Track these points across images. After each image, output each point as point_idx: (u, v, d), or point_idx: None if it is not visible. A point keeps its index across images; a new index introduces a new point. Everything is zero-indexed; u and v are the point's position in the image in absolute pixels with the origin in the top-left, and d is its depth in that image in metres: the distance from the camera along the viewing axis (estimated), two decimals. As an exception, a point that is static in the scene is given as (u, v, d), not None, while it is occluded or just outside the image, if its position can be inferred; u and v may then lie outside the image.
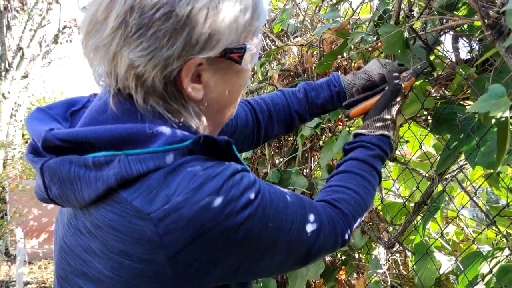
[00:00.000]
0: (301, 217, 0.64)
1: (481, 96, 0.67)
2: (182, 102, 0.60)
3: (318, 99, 1.01)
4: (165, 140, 0.55)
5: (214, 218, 0.52)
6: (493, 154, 0.82)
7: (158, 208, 0.51)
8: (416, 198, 1.27)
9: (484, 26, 0.76)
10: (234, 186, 0.54)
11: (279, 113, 1.02)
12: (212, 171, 0.55)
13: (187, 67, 0.57)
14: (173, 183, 0.53)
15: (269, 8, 1.92)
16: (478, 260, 0.97)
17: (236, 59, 0.61)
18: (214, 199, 0.52)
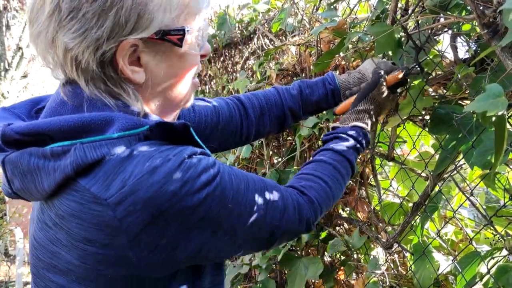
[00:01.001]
0: (264, 199, 0.65)
1: (479, 96, 0.67)
2: (122, 85, 0.60)
3: (313, 96, 1.01)
4: (120, 126, 0.56)
5: (171, 199, 0.53)
6: (489, 154, 0.82)
7: (115, 193, 0.52)
8: (414, 198, 1.27)
9: (480, 25, 0.76)
10: (191, 168, 0.55)
11: (271, 110, 1.02)
12: (168, 153, 0.55)
13: (121, 49, 0.57)
14: (129, 167, 0.53)
15: (267, 7, 1.91)
16: (476, 260, 0.96)
17: (175, 41, 0.61)
18: (170, 180, 0.53)
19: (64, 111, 0.60)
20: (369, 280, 1.24)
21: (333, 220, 1.54)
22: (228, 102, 1.01)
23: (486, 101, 0.67)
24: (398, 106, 1.12)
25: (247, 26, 2.22)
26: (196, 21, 0.64)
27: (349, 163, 0.84)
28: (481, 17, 0.76)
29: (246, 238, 0.64)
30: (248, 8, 2.02)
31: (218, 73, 2.51)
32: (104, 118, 0.57)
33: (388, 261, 1.29)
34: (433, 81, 1.10)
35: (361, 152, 0.90)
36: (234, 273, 1.77)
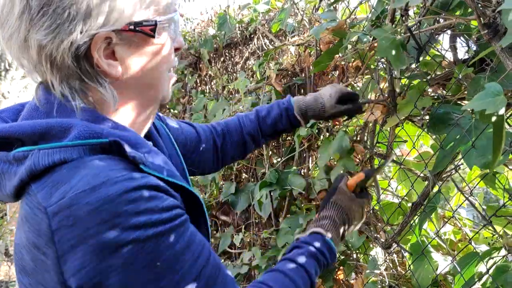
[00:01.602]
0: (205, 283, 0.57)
1: (478, 94, 0.67)
2: (98, 79, 0.60)
3: (268, 119, 1.04)
4: (77, 135, 0.55)
5: (98, 226, 0.49)
6: (488, 154, 0.82)
7: (54, 203, 0.51)
8: (413, 198, 1.27)
9: (480, 25, 0.76)
10: (134, 202, 0.51)
11: (231, 135, 1.05)
12: (118, 175, 0.52)
13: (95, 42, 0.57)
14: (74, 179, 0.52)
15: (267, 7, 1.91)
16: (475, 260, 0.96)
17: (148, 32, 0.61)
18: (105, 205, 0.50)
19: (37, 115, 0.60)
20: (368, 279, 1.24)
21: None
22: (204, 127, 1.05)
23: (485, 100, 0.67)
24: (397, 106, 1.12)
25: (247, 26, 2.22)
26: (168, 13, 0.64)
27: (306, 272, 0.76)
28: (481, 17, 0.76)
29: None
30: (248, 8, 2.02)
31: (218, 73, 2.51)
32: (64, 124, 0.56)
33: (387, 261, 1.29)
34: (432, 81, 1.10)
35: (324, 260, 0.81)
36: (233, 273, 1.78)
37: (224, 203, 2.10)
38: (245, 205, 1.83)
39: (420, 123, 1.14)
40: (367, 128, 1.37)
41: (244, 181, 1.98)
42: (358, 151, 1.30)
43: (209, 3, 4.01)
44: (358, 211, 0.90)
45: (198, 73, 2.73)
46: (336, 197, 0.89)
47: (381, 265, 1.25)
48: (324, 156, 1.36)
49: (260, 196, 1.59)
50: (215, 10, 2.77)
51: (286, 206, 1.65)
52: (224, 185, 1.94)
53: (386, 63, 1.12)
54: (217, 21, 2.29)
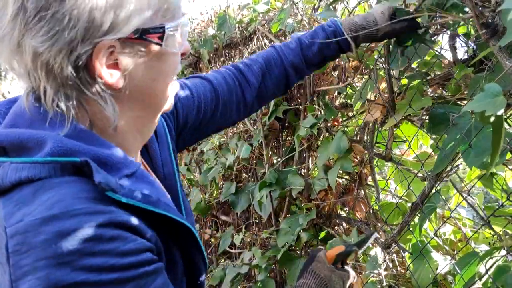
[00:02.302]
0: None
1: (477, 95, 0.67)
2: (98, 90, 0.55)
3: (314, 45, 0.94)
4: (49, 151, 0.51)
5: (48, 260, 0.46)
6: (486, 155, 0.82)
7: (12, 224, 0.48)
8: (413, 198, 1.27)
9: (478, 25, 0.76)
10: (90, 240, 0.47)
11: (272, 71, 0.96)
12: (79, 207, 0.48)
13: (97, 51, 0.52)
14: (36, 201, 0.48)
15: (267, 7, 1.91)
16: (475, 260, 0.96)
17: (156, 40, 0.56)
18: (58, 240, 0.46)
19: (21, 122, 0.56)
20: (368, 279, 1.24)
21: (332, 220, 1.54)
22: (226, 75, 0.95)
23: (484, 101, 0.67)
24: (396, 107, 1.12)
25: (247, 26, 2.22)
26: (176, 18, 0.59)
27: None
28: (479, 17, 0.76)
29: None
30: (248, 8, 2.02)
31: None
32: (39, 138, 0.52)
33: (386, 260, 1.29)
34: (431, 82, 1.10)
35: None
36: (234, 273, 1.78)
37: (224, 203, 2.10)
38: (245, 205, 1.83)
39: (419, 123, 1.14)
40: (366, 128, 1.37)
41: (244, 181, 1.98)
42: (356, 151, 1.30)
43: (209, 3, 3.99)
44: (339, 283, 0.84)
45: (198, 73, 2.74)
46: (315, 266, 0.84)
47: (381, 265, 1.25)
48: (323, 155, 1.36)
49: (260, 197, 1.59)
50: (215, 10, 2.77)
51: (286, 206, 1.65)
52: (224, 185, 1.94)
53: (385, 63, 1.12)
54: (216, 21, 2.29)
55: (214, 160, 2.06)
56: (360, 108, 1.38)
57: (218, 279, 1.88)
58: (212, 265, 2.23)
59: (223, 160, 1.96)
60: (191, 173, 2.53)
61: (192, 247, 0.64)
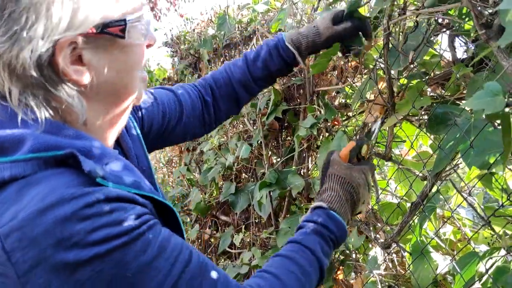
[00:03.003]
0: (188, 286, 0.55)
1: (477, 93, 0.67)
2: (65, 88, 0.55)
3: (258, 60, 0.94)
4: (30, 148, 0.51)
5: (54, 247, 0.47)
6: (486, 154, 0.82)
7: (5, 224, 0.48)
8: (413, 198, 1.27)
9: (477, 25, 0.76)
10: (90, 218, 0.49)
11: (221, 89, 0.97)
12: (72, 192, 0.49)
13: (59, 48, 0.52)
14: (26, 197, 0.49)
15: (266, 7, 1.91)
16: (475, 260, 0.96)
17: (118, 33, 0.57)
18: (58, 226, 0.47)
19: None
20: (368, 279, 1.24)
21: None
22: (188, 90, 0.96)
23: (484, 99, 0.67)
24: (395, 106, 1.11)
25: (246, 26, 2.22)
26: (137, 10, 0.60)
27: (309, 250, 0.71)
28: (479, 17, 0.76)
29: None
30: (247, 8, 2.02)
31: (218, 73, 2.51)
32: (16, 137, 0.52)
33: (386, 260, 1.29)
34: (431, 81, 1.10)
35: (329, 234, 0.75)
36: (233, 273, 1.78)
37: (224, 203, 2.10)
38: (244, 205, 1.83)
39: (418, 123, 1.14)
40: (366, 128, 1.37)
41: (243, 181, 1.98)
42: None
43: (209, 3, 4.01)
44: (361, 177, 0.83)
45: (198, 73, 2.73)
46: (332, 169, 0.83)
47: (381, 265, 1.25)
48: (323, 155, 1.36)
49: (260, 197, 1.59)
50: (215, 11, 2.77)
51: (286, 206, 1.65)
52: (224, 185, 1.94)
53: (384, 62, 1.12)
54: (216, 21, 2.29)
55: (214, 160, 2.06)
56: (360, 108, 1.38)
57: (218, 279, 1.88)
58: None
59: (222, 160, 1.96)
60: (191, 173, 2.53)
61: (175, 228, 0.65)
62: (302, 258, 0.69)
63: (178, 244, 0.57)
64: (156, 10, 9.93)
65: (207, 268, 0.59)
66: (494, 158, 0.80)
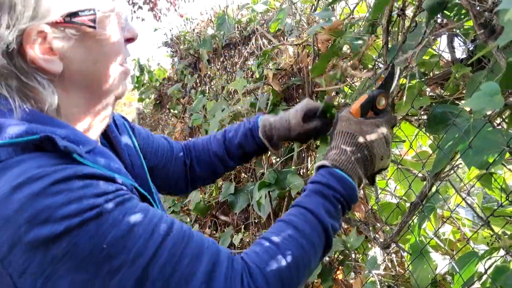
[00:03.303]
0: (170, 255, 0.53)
1: (475, 93, 0.67)
2: (36, 77, 0.56)
3: (235, 139, 0.96)
4: (7, 135, 0.52)
5: (27, 224, 0.47)
6: (485, 154, 0.82)
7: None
8: (412, 198, 1.27)
9: (476, 25, 0.76)
10: (62, 192, 0.48)
11: (199, 154, 1.00)
12: (42, 170, 0.49)
13: (26, 37, 0.53)
14: (1, 180, 0.49)
15: (265, 7, 1.91)
16: (474, 260, 0.96)
17: (87, 23, 0.57)
18: (29, 202, 0.47)
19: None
20: (367, 279, 1.23)
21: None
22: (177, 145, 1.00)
23: (482, 99, 0.67)
24: (394, 107, 1.11)
25: (246, 26, 2.22)
26: (108, 0, 0.60)
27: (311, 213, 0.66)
28: (477, 17, 0.76)
29: None
30: (247, 8, 2.02)
31: (218, 73, 2.51)
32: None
33: (385, 261, 1.29)
34: (430, 81, 1.10)
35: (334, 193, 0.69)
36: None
37: (224, 203, 2.10)
38: (244, 205, 1.83)
39: (418, 123, 1.14)
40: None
41: (243, 181, 1.98)
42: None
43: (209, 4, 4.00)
44: (374, 131, 0.75)
45: (197, 73, 2.73)
46: (340, 126, 0.77)
47: (380, 265, 1.25)
48: (321, 157, 1.36)
49: (259, 197, 1.59)
50: (214, 11, 2.77)
51: (285, 206, 1.65)
52: (224, 185, 1.94)
53: (383, 62, 1.12)
54: (216, 21, 2.29)
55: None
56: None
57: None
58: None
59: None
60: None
61: None
62: (301, 221, 0.64)
63: (157, 215, 0.56)
64: (156, 10, 9.93)
65: (191, 236, 0.57)
66: (493, 158, 0.80)
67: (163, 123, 3.73)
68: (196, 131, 2.74)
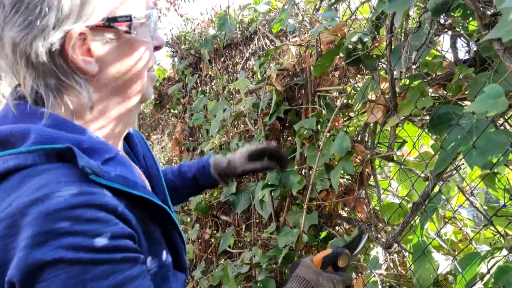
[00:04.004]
0: None
1: (479, 96, 0.67)
2: (74, 76, 0.59)
3: (189, 172, 1.04)
4: (34, 140, 0.55)
5: (30, 239, 0.47)
6: (489, 154, 0.82)
7: (2, 210, 0.50)
8: (414, 198, 1.27)
9: (481, 26, 0.76)
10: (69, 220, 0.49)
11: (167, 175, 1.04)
12: (61, 189, 0.50)
13: (69, 38, 0.57)
14: (23, 187, 0.51)
15: (268, 8, 1.91)
16: (477, 260, 0.96)
17: (123, 28, 0.61)
18: (40, 220, 0.48)
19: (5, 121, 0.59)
20: (369, 279, 1.24)
21: (333, 220, 1.54)
22: None
23: (486, 102, 0.67)
24: (397, 106, 1.12)
25: (247, 26, 2.22)
26: (143, 9, 0.64)
27: None
28: (482, 18, 0.76)
29: None
30: (248, 8, 2.02)
31: (219, 73, 2.51)
32: (23, 130, 0.56)
33: (387, 260, 1.29)
34: (433, 82, 1.10)
35: None
36: (234, 272, 1.78)
37: (225, 203, 2.10)
38: (245, 205, 1.83)
39: (420, 124, 1.14)
40: (367, 129, 1.37)
41: (244, 181, 1.98)
42: (358, 151, 1.30)
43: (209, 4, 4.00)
44: (329, 286, 0.81)
45: (198, 73, 2.73)
46: (299, 270, 0.83)
47: (382, 265, 1.25)
48: (325, 156, 1.36)
49: (262, 196, 1.59)
50: (215, 11, 2.77)
51: (287, 206, 1.65)
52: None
53: (386, 63, 1.12)
54: (217, 21, 2.29)
55: (215, 160, 2.06)
56: (361, 108, 1.38)
57: (218, 279, 1.88)
58: (212, 265, 2.23)
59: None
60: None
61: (169, 226, 0.67)
62: None
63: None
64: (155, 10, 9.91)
65: None
66: (496, 159, 0.81)
67: (163, 123, 3.73)
68: (196, 131, 2.74)
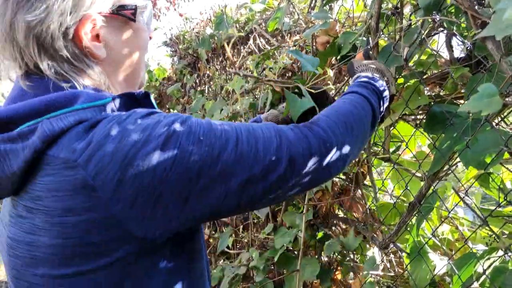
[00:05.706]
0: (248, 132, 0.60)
1: (474, 95, 0.67)
2: (86, 61, 0.62)
3: None
4: (84, 100, 0.56)
5: (135, 144, 0.51)
6: (484, 154, 0.81)
7: (82, 153, 0.51)
8: (410, 198, 1.26)
9: (474, 25, 0.75)
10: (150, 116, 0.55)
11: None
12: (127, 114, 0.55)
13: (82, 23, 0.60)
14: (92, 131, 0.53)
15: (263, 6, 1.90)
16: (473, 260, 0.96)
17: (130, 16, 0.65)
18: (129, 128, 0.52)
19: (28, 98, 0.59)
20: (366, 280, 1.23)
21: (329, 220, 1.53)
22: None
23: (480, 101, 0.67)
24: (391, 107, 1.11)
25: (244, 26, 2.21)
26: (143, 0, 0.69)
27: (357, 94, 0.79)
28: (475, 17, 0.75)
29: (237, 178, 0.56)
30: (245, 8, 2.01)
31: (217, 73, 2.51)
32: (68, 95, 0.57)
33: (384, 261, 1.29)
34: (428, 81, 1.10)
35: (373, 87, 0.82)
36: (232, 274, 1.77)
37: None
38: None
39: (415, 123, 1.13)
40: None
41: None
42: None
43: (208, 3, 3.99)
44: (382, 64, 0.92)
45: (197, 73, 2.73)
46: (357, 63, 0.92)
47: (379, 266, 1.24)
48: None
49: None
50: (214, 10, 2.77)
51: (284, 206, 1.64)
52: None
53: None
54: (215, 21, 2.28)
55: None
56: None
57: (217, 279, 1.88)
58: (211, 266, 2.23)
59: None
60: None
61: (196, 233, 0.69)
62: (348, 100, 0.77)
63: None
64: (155, 9, 9.92)
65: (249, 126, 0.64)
66: (491, 158, 0.80)
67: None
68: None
